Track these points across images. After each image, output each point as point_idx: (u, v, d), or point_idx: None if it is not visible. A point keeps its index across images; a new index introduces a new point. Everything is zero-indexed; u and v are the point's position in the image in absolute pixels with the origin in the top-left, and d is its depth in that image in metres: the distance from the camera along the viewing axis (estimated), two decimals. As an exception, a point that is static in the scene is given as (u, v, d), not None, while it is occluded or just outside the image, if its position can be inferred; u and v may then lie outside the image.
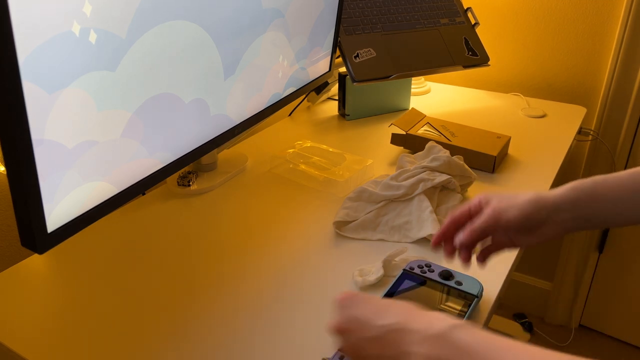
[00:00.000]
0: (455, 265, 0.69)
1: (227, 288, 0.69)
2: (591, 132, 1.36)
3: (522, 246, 0.55)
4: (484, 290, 0.66)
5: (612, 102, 1.33)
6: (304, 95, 1.20)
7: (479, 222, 0.54)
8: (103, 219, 0.70)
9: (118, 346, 0.60)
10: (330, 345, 0.59)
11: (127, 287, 0.70)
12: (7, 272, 0.73)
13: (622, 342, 1.58)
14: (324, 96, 1.34)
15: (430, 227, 0.75)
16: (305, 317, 0.64)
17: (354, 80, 1.13)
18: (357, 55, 1.15)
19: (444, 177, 0.82)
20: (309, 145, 1.03)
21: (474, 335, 0.37)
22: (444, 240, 0.58)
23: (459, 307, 0.63)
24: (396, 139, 1.05)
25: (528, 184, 0.93)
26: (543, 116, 1.22)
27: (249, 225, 0.83)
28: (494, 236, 0.57)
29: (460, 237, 0.55)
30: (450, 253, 0.58)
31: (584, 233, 1.49)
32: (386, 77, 1.16)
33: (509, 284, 0.75)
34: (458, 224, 0.57)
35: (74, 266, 0.74)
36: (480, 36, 1.33)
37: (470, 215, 0.56)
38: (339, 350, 0.47)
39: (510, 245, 0.56)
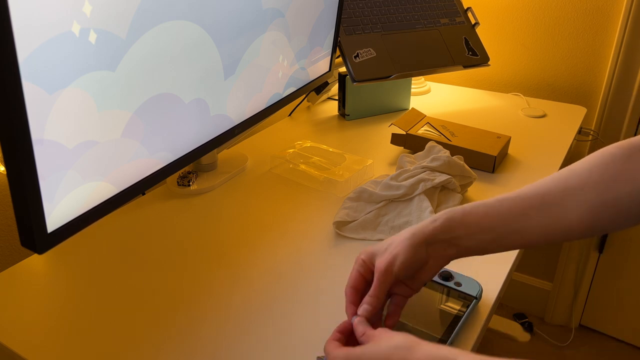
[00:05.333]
0: (454, 266, 0.69)
1: (227, 287, 0.69)
2: (591, 132, 1.36)
3: (417, 289, 0.56)
4: (484, 291, 0.66)
5: (612, 102, 1.33)
6: (304, 95, 1.20)
7: (378, 288, 0.53)
8: (103, 219, 0.70)
9: (118, 346, 0.60)
10: (330, 345, 0.59)
11: (127, 287, 0.70)
12: (7, 272, 0.73)
13: (622, 342, 1.58)
14: (324, 96, 1.34)
15: (430, 227, 0.75)
16: (304, 317, 0.64)
17: (354, 80, 1.13)
18: (357, 55, 1.15)
19: (444, 177, 0.82)
20: (309, 145, 1.03)
21: None
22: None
23: (457, 308, 0.63)
24: (396, 139, 1.05)
25: (528, 184, 0.92)
26: (543, 116, 1.22)
27: (248, 226, 0.83)
28: (393, 290, 0.55)
29: (365, 308, 0.52)
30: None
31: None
32: (386, 77, 1.16)
33: (509, 284, 0.75)
34: (358, 290, 0.55)
35: (74, 266, 0.74)
36: (480, 36, 1.33)
37: (363, 277, 0.55)
38: None
39: (409, 292, 0.55)
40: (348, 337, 0.51)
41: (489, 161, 0.96)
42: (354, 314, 0.53)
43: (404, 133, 1.04)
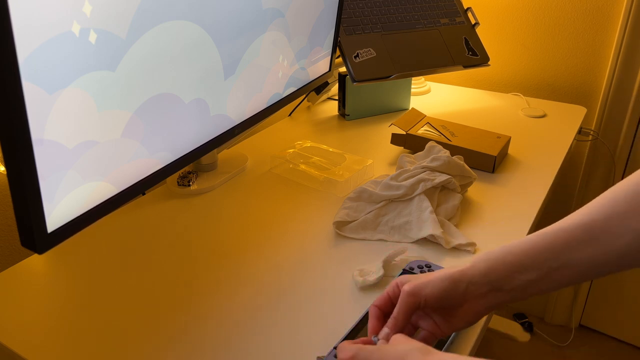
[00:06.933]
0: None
1: (227, 287, 0.69)
2: (591, 132, 1.36)
3: (449, 332, 0.53)
4: (484, 290, 0.66)
5: (612, 102, 1.33)
6: (304, 95, 1.20)
7: (398, 308, 0.51)
8: (103, 219, 0.70)
9: (118, 346, 0.60)
10: (326, 344, 0.59)
11: (127, 287, 0.70)
12: (7, 272, 0.73)
13: (622, 342, 1.58)
14: (324, 96, 1.34)
15: (431, 227, 0.75)
16: (304, 317, 0.64)
17: (354, 80, 1.13)
18: (357, 55, 1.15)
19: (444, 177, 0.82)
20: (309, 145, 1.03)
21: None
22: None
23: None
24: (396, 139, 1.05)
25: (528, 184, 0.93)
26: (543, 116, 1.22)
27: (248, 225, 0.83)
28: (420, 324, 0.54)
29: (386, 332, 0.51)
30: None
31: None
32: (386, 77, 1.16)
33: (509, 284, 0.75)
34: (383, 311, 0.54)
35: (74, 266, 0.74)
36: (480, 36, 1.33)
37: (390, 300, 0.54)
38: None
39: (438, 332, 0.53)
40: None
41: (489, 161, 0.96)
42: (373, 330, 0.52)
43: (404, 133, 1.04)
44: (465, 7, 1.32)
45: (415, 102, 1.31)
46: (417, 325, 0.54)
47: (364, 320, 0.60)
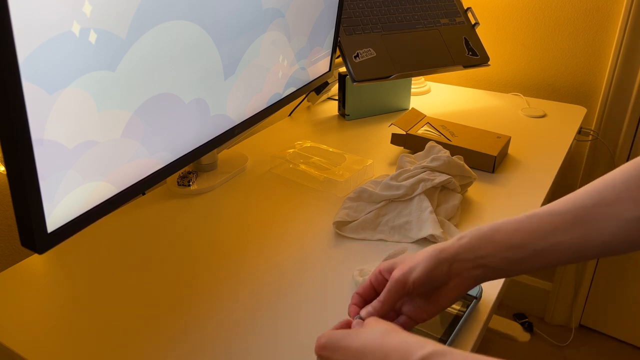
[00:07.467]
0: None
1: (227, 288, 0.69)
2: (591, 132, 1.36)
3: (432, 314, 0.53)
4: (484, 290, 0.66)
5: (612, 102, 1.33)
6: (304, 95, 1.20)
7: (386, 294, 0.51)
8: (103, 219, 0.70)
9: (118, 346, 0.60)
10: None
11: (127, 287, 0.70)
12: (7, 272, 0.73)
13: (622, 342, 1.58)
14: (324, 96, 1.34)
15: (431, 227, 0.75)
16: (304, 317, 0.64)
17: (354, 80, 1.13)
18: (357, 55, 1.15)
19: (444, 177, 0.82)
20: (309, 145, 1.03)
21: None
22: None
23: (457, 307, 0.63)
24: (396, 139, 1.05)
25: (528, 184, 0.93)
26: (543, 116, 1.22)
27: (248, 226, 0.83)
28: (403, 310, 0.54)
29: (369, 311, 0.51)
30: None
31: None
32: (386, 77, 1.16)
33: (509, 284, 0.75)
34: (365, 299, 0.54)
35: (74, 266, 0.74)
36: (480, 36, 1.33)
37: (373, 288, 0.54)
38: None
39: (421, 316, 0.53)
40: None
41: (489, 161, 0.96)
42: (355, 314, 0.53)
43: (404, 133, 1.04)
44: (465, 7, 1.32)
45: (415, 102, 1.31)
46: (400, 312, 0.54)
47: None
